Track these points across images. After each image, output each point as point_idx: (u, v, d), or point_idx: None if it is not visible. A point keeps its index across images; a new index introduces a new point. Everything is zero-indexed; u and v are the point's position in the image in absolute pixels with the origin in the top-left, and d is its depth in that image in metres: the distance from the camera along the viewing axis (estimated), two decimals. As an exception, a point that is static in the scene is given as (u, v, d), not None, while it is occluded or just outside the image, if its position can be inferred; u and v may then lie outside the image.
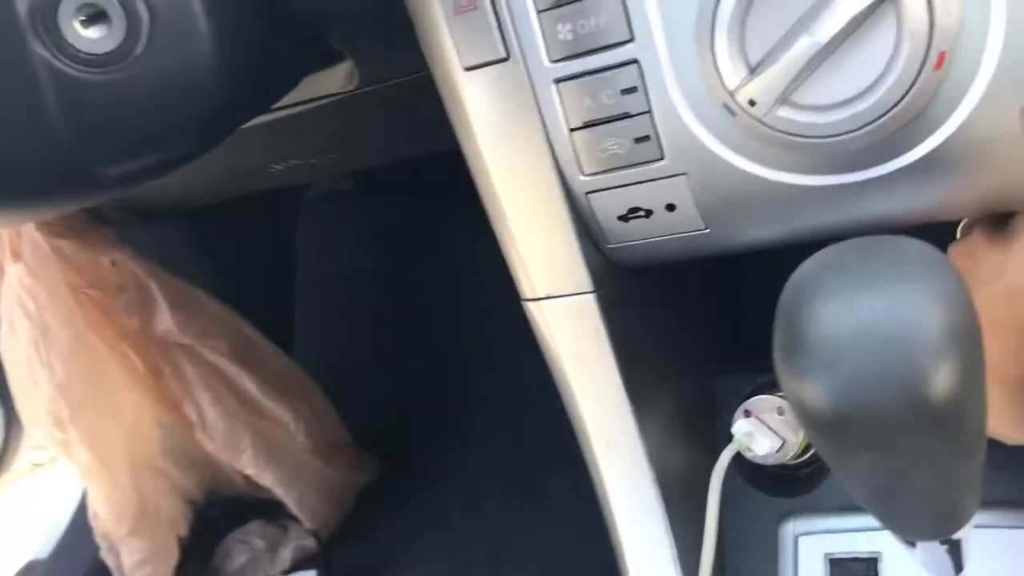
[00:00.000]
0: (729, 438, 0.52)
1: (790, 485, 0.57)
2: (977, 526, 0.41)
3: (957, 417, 0.33)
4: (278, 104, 0.70)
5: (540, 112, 0.46)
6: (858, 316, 0.33)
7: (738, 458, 0.52)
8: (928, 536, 0.40)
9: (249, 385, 1.04)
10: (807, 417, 0.34)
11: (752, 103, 0.41)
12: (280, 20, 0.56)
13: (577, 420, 0.52)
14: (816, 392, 0.33)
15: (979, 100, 0.40)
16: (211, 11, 0.48)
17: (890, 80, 0.39)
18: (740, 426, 0.50)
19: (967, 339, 0.33)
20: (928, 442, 0.33)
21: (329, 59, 0.68)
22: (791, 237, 0.47)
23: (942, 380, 0.32)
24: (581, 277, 0.49)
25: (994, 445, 0.40)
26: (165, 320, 0.98)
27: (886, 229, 0.46)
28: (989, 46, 0.39)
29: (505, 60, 0.45)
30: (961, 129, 0.40)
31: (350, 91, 0.70)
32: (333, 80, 0.71)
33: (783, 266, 0.48)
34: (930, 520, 0.39)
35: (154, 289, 0.96)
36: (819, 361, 0.33)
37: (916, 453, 0.34)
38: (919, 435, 0.33)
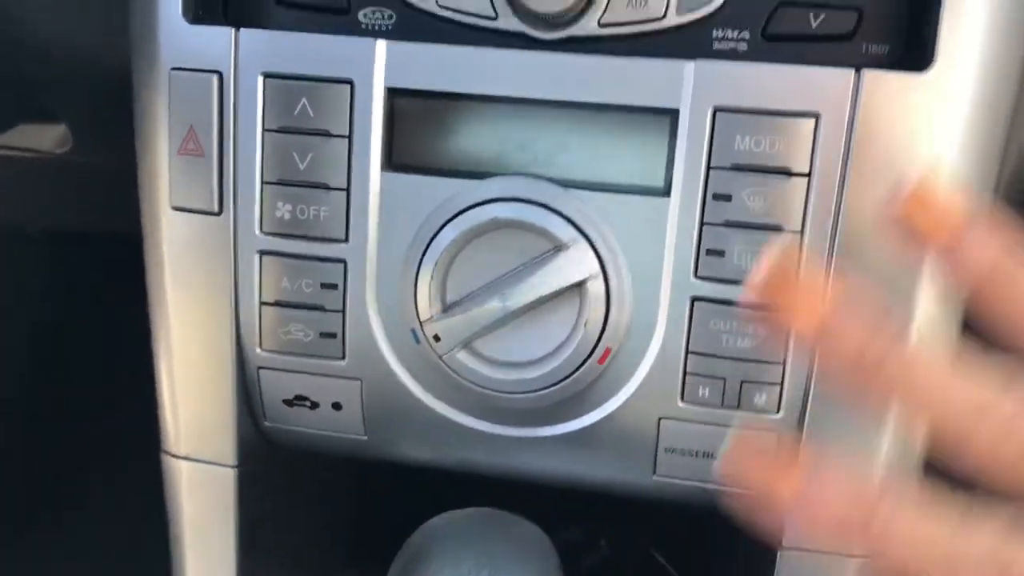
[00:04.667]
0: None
1: None
2: None
3: None
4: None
5: (236, 274, 0.44)
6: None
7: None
8: None
9: None
10: None
11: (437, 338, 0.42)
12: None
13: (178, 597, 0.48)
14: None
15: (628, 399, 0.44)
16: None
17: (559, 360, 0.42)
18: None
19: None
20: None
21: (44, 115, 0.62)
22: (448, 466, 0.48)
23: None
24: (226, 448, 0.47)
25: None
26: None
27: (540, 484, 0.49)
28: (648, 355, 0.43)
29: (216, 215, 0.44)
30: (608, 419, 0.44)
31: (56, 153, 0.64)
32: (45, 137, 0.65)
33: (439, 479, 0.49)
34: None
35: None
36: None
37: None
38: None
